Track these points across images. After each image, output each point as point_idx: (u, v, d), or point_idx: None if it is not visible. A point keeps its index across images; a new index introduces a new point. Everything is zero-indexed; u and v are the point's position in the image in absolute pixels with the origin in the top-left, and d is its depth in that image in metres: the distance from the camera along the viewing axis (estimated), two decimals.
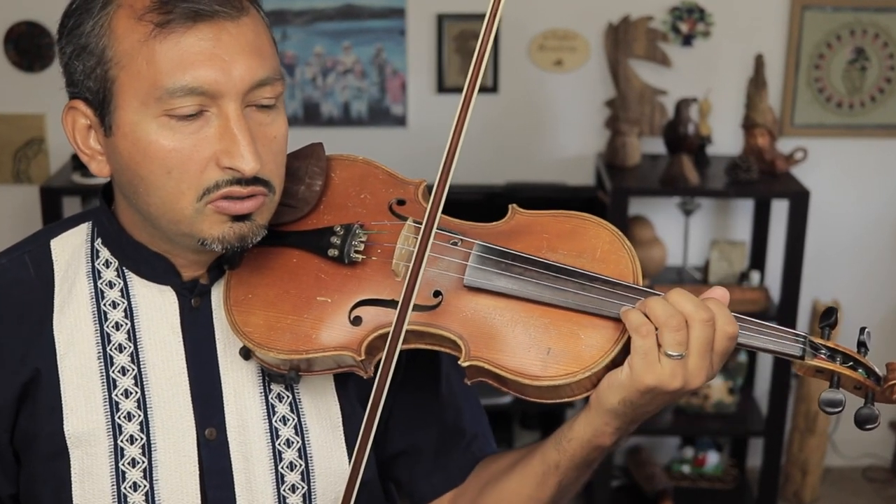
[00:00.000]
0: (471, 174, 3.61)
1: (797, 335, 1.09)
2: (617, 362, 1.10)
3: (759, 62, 3.48)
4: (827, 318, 1.12)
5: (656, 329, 1.05)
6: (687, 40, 3.56)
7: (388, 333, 1.13)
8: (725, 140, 3.60)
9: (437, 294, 1.14)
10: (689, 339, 1.05)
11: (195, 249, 1.17)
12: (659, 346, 1.05)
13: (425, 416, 1.30)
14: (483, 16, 1.13)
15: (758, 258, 3.61)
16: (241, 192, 1.11)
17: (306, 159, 1.25)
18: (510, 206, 1.21)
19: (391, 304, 1.14)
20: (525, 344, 1.11)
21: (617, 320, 1.10)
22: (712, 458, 3.77)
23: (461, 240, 1.17)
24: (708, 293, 1.10)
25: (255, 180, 1.11)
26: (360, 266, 1.18)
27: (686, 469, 3.76)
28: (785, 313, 3.30)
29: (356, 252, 1.17)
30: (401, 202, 1.22)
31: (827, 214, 3.68)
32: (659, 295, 1.09)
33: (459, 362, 1.12)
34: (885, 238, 3.76)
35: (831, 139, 3.65)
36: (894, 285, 3.81)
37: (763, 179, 3.33)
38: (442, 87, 3.59)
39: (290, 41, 3.54)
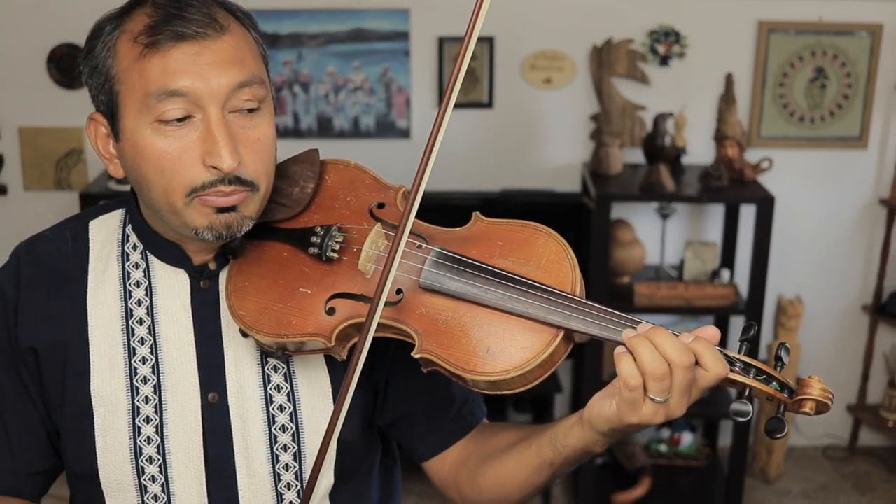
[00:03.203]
0: (468, 181, 3.62)
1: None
2: (553, 361, 1.10)
3: (729, 80, 3.48)
4: (745, 333, 1.09)
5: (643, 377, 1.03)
6: (664, 60, 3.56)
7: (357, 323, 1.16)
8: (699, 151, 3.59)
9: (399, 292, 1.15)
10: (671, 384, 1.02)
11: (192, 238, 1.20)
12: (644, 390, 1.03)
13: (418, 386, 1.31)
14: (479, 38, 1.13)
15: (728, 257, 3.61)
16: (224, 191, 1.15)
17: (302, 164, 1.27)
18: (473, 213, 1.22)
19: (360, 298, 1.17)
20: (469, 342, 1.11)
21: (551, 325, 1.09)
22: (687, 438, 3.77)
23: (424, 244, 1.17)
24: (699, 331, 1.06)
25: (237, 180, 1.15)
26: (337, 263, 1.20)
27: (663, 448, 3.76)
28: (752, 307, 3.30)
29: (332, 251, 1.20)
30: (380, 205, 1.24)
31: (790, 218, 3.68)
32: (595, 307, 1.08)
33: (412, 354, 1.13)
34: (842, 239, 3.76)
35: (794, 150, 3.65)
36: (851, 281, 3.81)
37: (733, 186, 3.33)
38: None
39: (305, 61, 3.54)
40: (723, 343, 1.09)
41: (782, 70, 3.57)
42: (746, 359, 1.06)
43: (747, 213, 3.53)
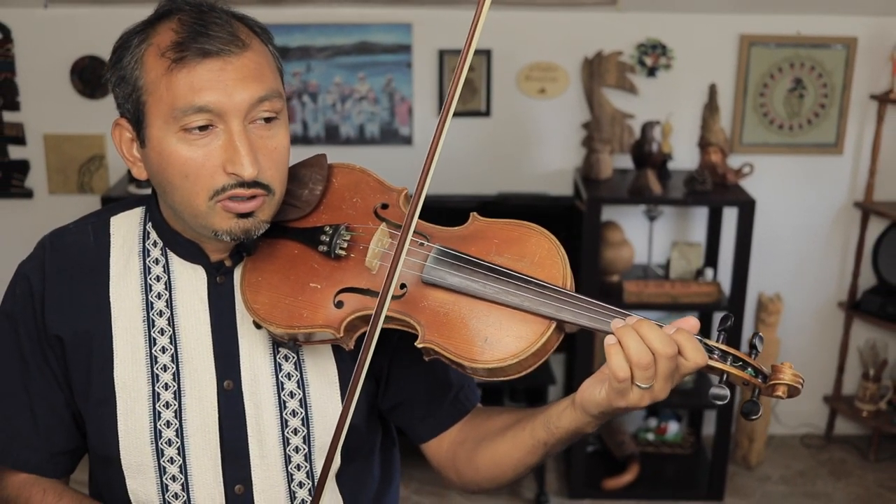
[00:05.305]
0: (467, 185, 3.62)
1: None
2: (546, 349, 1.12)
3: (712, 90, 3.49)
4: (723, 323, 1.10)
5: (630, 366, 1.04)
6: (651, 72, 3.56)
7: (364, 315, 1.17)
8: (684, 156, 3.60)
9: (402, 286, 1.16)
10: (655, 372, 1.04)
11: (212, 238, 1.22)
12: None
13: (418, 373, 1.33)
14: (477, 51, 1.14)
15: (711, 257, 3.62)
16: (243, 194, 1.15)
17: (311, 168, 1.28)
18: (471, 213, 1.23)
19: (367, 292, 1.18)
20: (468, 332, 1.13)
21: (544, 317, 1.11)
22: (673, 428, 3.77)
23: (426, 242, 1.18)
24: (680, 322, 1.08)
25: (255, 184, 1.16)
26: (345, 260, 1.21)
27: (650, 437, 3.76)
28: (734, 304, 3.31)
29: (341, 249, 1.21)
30: (384, 206, 1.25)
31: (770, 220, 3.68)
32: (584, 300, 1.09)
33: (416, 343, 1.14)
34: (819, 239, 3.76)
35: (774, 156, 3.65)
36: (827, 280, 3.81)
37: (716, 190, 3.33)
38: None
39: (314, 72, 3.54)
40: (705, 334, 1.10)
41: (763, 81, 3.57)
42: (724, 347, 1.08)
43: (730, 216, 3.53)
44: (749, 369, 1.07)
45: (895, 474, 3.71)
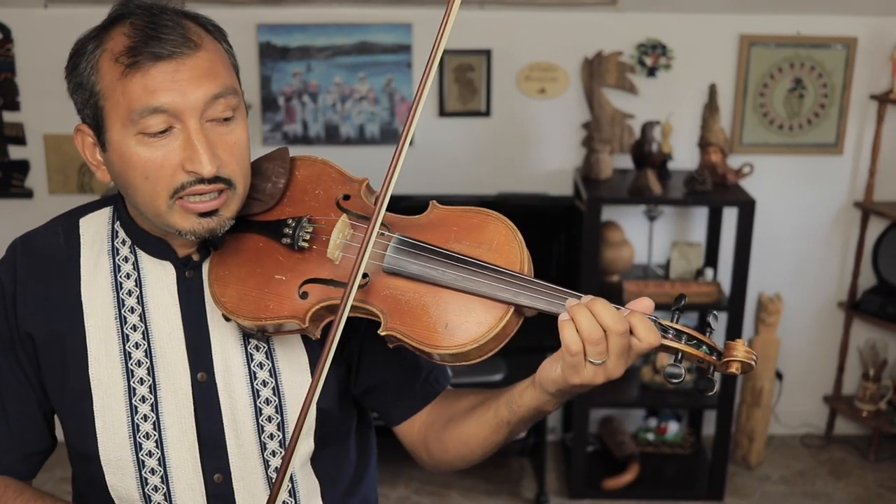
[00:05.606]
0: (467, 185, 3.61)
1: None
2: (505, 333, 1.14)
3: (712, 90, 3.48)
4: (677, 303, 1.13)
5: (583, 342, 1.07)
6: (651, 72, 3.55)
7: (328, 305, 1.19)
8: (684, 156, 3.59)
9: (364, 276, 1.18)
10: (607, 348, 1.07)
11: (177, 237, 1.24)
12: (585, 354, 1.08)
13: (387, 358, 1.34)
14: (477, 51, 1.14)
15: (711, 257, 3.61)
16: (204, 189, 1.17)
17: (274, 161, 1.30)
18: (430, 202, 1.24)
19: (331, 282, 1.20)
20: (429, 319, 1.15)
21: (502, 301, 1.13)
22: (673, 428, 3.77)
23: (386, 231, 1.20)
24: (634, 304, 1.10)
25: (216, 179, 1.17)
26: (308, 251, 1.23)
27: (650, 437, 3.76)
28: (734, 304, 3.30)
29: (303, 241, 1.22)
30: (346, 197, 1.26)
31: (770, 220, 3.67)
32: (541, 284, 1.12)
33: (378, 332, 1.16)
34: (819, 239, 3.76)
35: (774, 156, 3.65)
36: (827, 280, 3.81)
37: (716, 190, 3.33)
38: (443, 112, 3.58)
39: (314, 72, 3.54)
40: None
41: (763, 81, 3.57)
42: (678, 326, 1.10)
43: (730, 216, 3.52)
44: (703, 347, 1.10)
45: (895, 474, 3.71)
